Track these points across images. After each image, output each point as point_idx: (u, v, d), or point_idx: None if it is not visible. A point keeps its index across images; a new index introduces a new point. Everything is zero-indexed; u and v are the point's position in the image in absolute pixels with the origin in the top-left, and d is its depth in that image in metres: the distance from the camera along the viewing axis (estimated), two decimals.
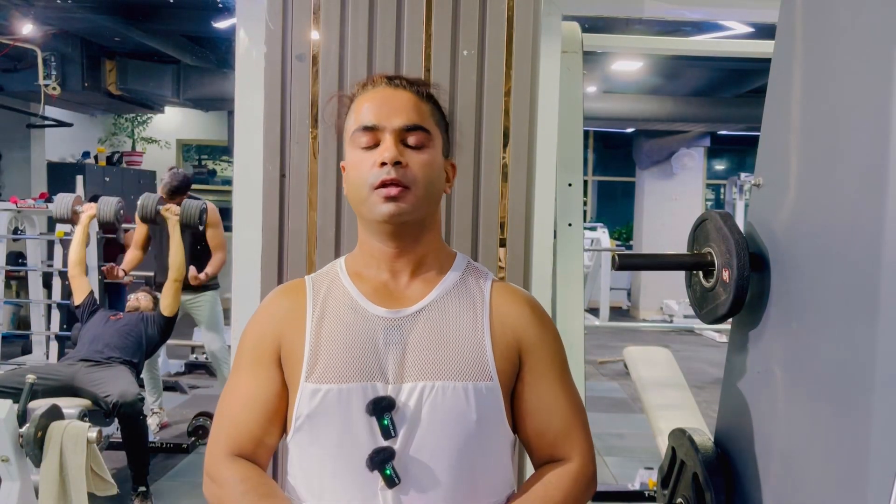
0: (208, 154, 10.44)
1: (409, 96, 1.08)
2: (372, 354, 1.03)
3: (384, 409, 1.00)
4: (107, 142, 9.60)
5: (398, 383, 1.02)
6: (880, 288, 0.91)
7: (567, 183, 2.44)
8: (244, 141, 1.80)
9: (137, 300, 3.91)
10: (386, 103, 1.06)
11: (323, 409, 1.01)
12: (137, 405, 3.19)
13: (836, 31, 1.07)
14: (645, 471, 3.26)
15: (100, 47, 6.89)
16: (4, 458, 2.38)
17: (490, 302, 1.09)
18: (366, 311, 1.06)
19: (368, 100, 1.08)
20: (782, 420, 1.13)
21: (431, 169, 1.06)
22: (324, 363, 1.03)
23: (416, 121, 1.06)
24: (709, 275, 1.28)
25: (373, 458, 0.99)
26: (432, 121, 1.09)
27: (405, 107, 1.06)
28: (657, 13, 2.21)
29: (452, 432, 1.01)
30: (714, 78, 7.72)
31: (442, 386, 1.01)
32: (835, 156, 1.05)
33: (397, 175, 1.03)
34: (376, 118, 1.05)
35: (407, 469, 1.00)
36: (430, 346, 1.04)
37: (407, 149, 1.05)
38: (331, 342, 1.04)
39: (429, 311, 1.06)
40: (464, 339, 1.05)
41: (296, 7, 1.74)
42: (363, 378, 1.01)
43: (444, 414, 1.01)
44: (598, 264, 8.78)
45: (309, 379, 1.02)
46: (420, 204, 1.05)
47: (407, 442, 1.01)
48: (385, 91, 1.08)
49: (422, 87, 1.11)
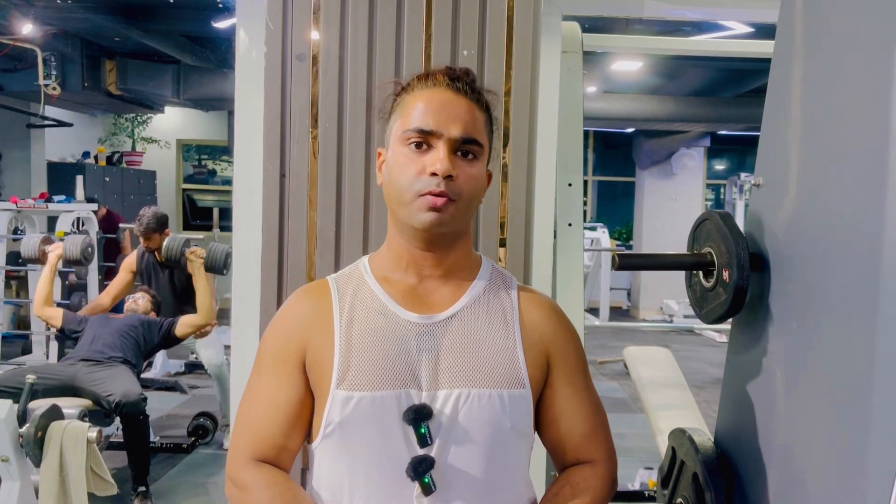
0: (208, 154, 10.44)
1: (469, 104, 1.04)
2: (405, 361, 1.01)
3: (423, 418, 0.99)
4: (107, 142, 9.60)
5: (432, 390, 1.01)
6: (880, 288, 0.91)
7: (567, 183, 2.44)
8: (244, 141, 1.80)
9: (136, 302, 3.91)
10: (445, 108, 1.02)
11: (356, 417, 0.99)
12: (140, 405, 3.19)
13: (836, 31, 1.07)
14: (645, 471, 3.26)
15: (100, 47, 6.89)
16: (4, 458, 2.38)
17: (519, 307, 1.09)
18: (397, 315, 1.04)
19: (427, 100, 1.03)
20: (782, 420, 1.13)
21: (477, 182, 1.04)
22: (356, 370, 1.01)
23: (472, 133, 1.02)
24: (709, 275, 1.28)
25: (415, 467, 0.98)
26: (485, 131, 1.06)
27: (464, 116, 1.02)
28: (657, 13, 2.21)
29: (487, 440, 1.01)
30: (714, 78, 7.73)
31: (477, 393, 1.01)
32: (835, 156, 1.05)
33: (446, 188, 1.00)
34: (435, 123, 1.01)
35: (442, 476, 1.00)
36: (463, 352, 1.03)
37: (458, 159, 1.02)
38: (362, 348, 1.02)
39: (460, 317, 1.05)
40: (497, 347, 1.04)
41: (296, 7, 1.74)
42: (397, 385, 1.00)
43: (480, 421, 1.01)
44: (598, 264, 8.79)
45: (340, 386, 1.00)
46: (461, 216, 1.03)
47: (443, 450, 1.00)
48: (446, 94, 1.04)
49: (481, 94, 1.07)
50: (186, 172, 10.31)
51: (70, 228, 5.63)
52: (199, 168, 10.42)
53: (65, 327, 3.69)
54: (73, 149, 8.86)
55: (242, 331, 1.82)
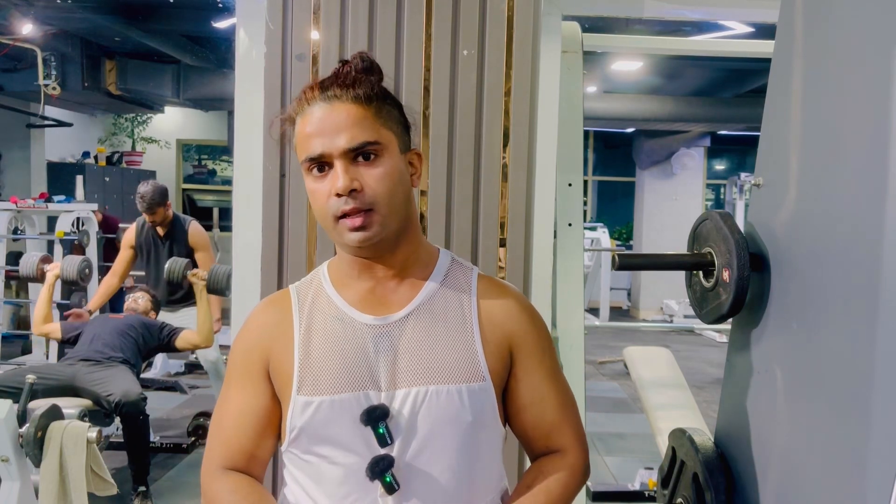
0: (208, 154, 10.44)
1: (348, 108, 0.99)
2: (363, 363, 1.02)
3: (378, 418, 0.99)
4: (107, 142, 9.60)
5: (391, 390, 1.01)
6: (880, 288, 0.91)
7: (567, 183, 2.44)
8: (244, 141, 1.80)
9: (136, 301, 3.91)
10: (325, 125, 0.99)
11: (317, 421, 1.01)
12: (140, 405, 3.19)
13: (836, 31, 1.07)
14: (645, 471, 3.26)
15: (100, 47, 6.89)
16: (4, 458, 2.38)
17: (477, 300, 1.08)
18: (353, 319, 1.05)
19: (307, 123, 1.00)
20: (782, 420, 1.13)
21: (390, 179, 1.00)
22: (314, 375, 1.02)
23: (360, 138, 0.98)
24: (709, 275, 1.28)
25: (372, 467, 0.99)
26: (380, 124, 1.01)
27: (346, 123, 0.98)
28: (657, 13, 2.21)
29: (449, 435, 1.01)
30: (714, 78, 7.73)
31: (436, 390, 1.01)
32: (835, 156, 1.05)
33: (356, 203, 0.98)
34: (320, 145, 0.98)
35: (405, 474, 1.00)
36: (420, 350, 1.03)
37: (360, 166, 0.99)
38: (320, 353, 1.03)
39: (416, 314, 1.05)
40: (454, 341, 1.04)
41: (296, 7, 1.74)
42: (355, 388, 1.01)
43: (440, 418, 1.01)
44: (598, 264, 8.79)
45: (301, 391, 1.02)
46: (387, 221, 1.01)
47: (404, 448, 1.01)
48: (321, 109, 1.00)
49: (360, 86, 1.01)
50: (186, 172, 10.31)
51: (70, 228, 5.63)
52: (199, 168, 10.42)
53: (64, 338, 3.71)
54: (73, 149, 8.86)
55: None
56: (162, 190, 4.17)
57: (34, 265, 4.03)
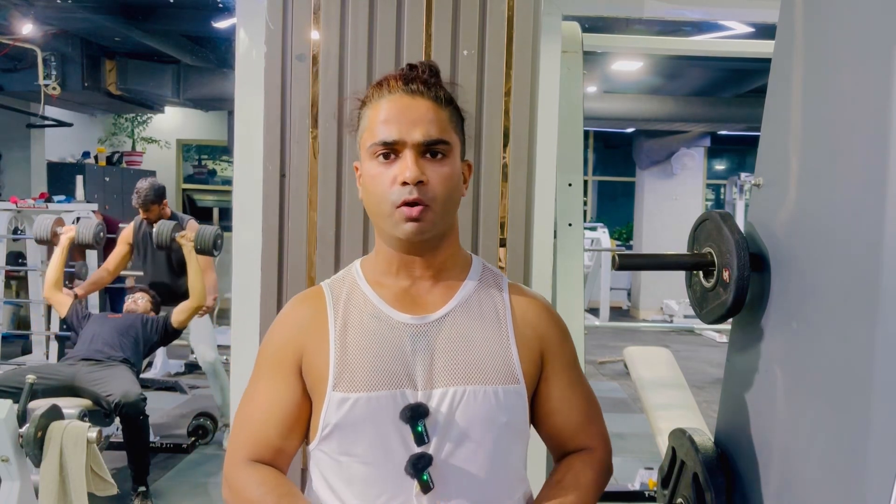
0: (208, 154, 10.43)
1: (428, 105, 1.03)
2: (400, 362, 1.03)
3: (419, 416, 1.00)
4: (107, 142, 9.59)
5: (428, 389, 1.02)
6: (880, 288, 0.91)
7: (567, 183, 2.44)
8: (244, 141, 1.80)
9: (135, 302, 3.91)
10: (404, 114, 1.02)
11: (353, 418, 1.01)
12: (140, 405, 3.19)
13: (836, 31, 1.07)
14: (645, 471, 3.26)
15: (100, 47, 6.89)
16: (4, 458, 2.38)
17: (511, 304, 1.10)
18: (390, 318, 1.06)
19: (386, 109, 1.03)
20: (782, 420, 1.13)
21: (451, 181, 1.03)
22: (351, 372, 1.02)
23: (436, 134, 1.01)
24: (709, 275, 1.28)
25: (414, 464, 1.00)
26: (451, 127, 1.05)
27: (424, 118, 1.02)
28: (657, 13, 2.21)
29: (483, 436, 1.03)
30: (714, 78, 7.72)
31: (473, 390, 1.02)
32: (835, 156, 1.05)
33: (419, 195, 1.00)
34: (396, 132, 1.01)
35: (440, 473, 1.01)
36: (457, 350, 1.04)
37: (427, 162, 1.02)
38: (357, 351, 1.04)
39: (453, 316, 1.07)
40: (490, 344, 1.06)
41: (296, 7, 1.74)
42: (392, 386, 1.01)
43: (475, 418, 1.02)
44: (598, 264, 8.79)
45: (337, 388, 1.02)
46: (440, 219, 1.04)
47: (439, 447, 1.01)
48: (402, 100, 1.03)
49: (440, 89, 1.06)
50: (186, 172, 10.31)
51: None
52: (199, 168, 10.41)
53: (69, 318, 3.69)
54: (73, 149, 8.86)
55: (242, 331, 1.82)
56: (158, 188, 4.18)
57: (48, 228, 3.96)
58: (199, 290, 3.72)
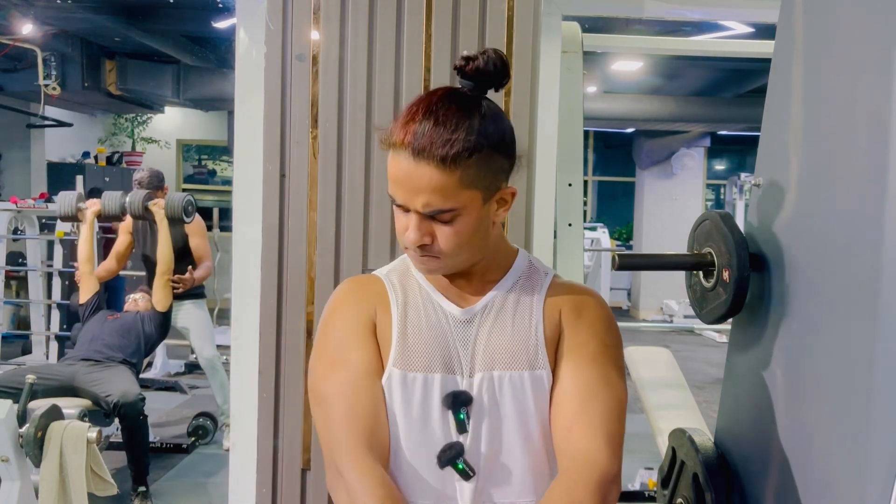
0: (208, 154, 10.43)
1: (432, 172, 0.96)
2: (452, 348, 1.06)
3: (462, 404, 1.02)
4: (107, 142, 9.59)
5: (470, 377, 1.04)
6: (880, 288, 0.91)
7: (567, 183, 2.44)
8: (244, 141, 1.80)
9: (136, 302, 3.91)
10: (409, 180, 0.98)
11: (408, 397, 1.03)
12: (138, 405, 3.19)
13: (836, 31, 1.07)
14: (645, 471, 3.26)
15: (100, 47, 6.88)
16: (4, 458, 2.38)
17: (545, 297, 1.10)
18: (440, 306, 1.08)
19: (395, 167, 0.99)
20: (782, 420, 1.13)
21: (463, 236, 1.01)
22: (410, 350, 1.05)
23: (435, 205, 0.98)
24: (709, 275, 1.28)
25: (440, 457, 1.02)
26: (463, 187, 0.98)
27: (426, 188, 0.97)
28: (657, 13, 2.21)
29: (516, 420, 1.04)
30: (714, 78, 7.72)
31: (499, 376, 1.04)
32: (835, 156, 1.05)
33: (425, 252, 1.02)
34: (402, 197, 1.00)
35: (483, 459, 1.03)
36: (493, 343, 1.06)
37: (434, 223, 1.00)
38: (415, 331, 1.06)
39: (491, 307, 1.08)
40: (518, 330, 1.07)
41: (296, 7, 1.74)
42: (446, 370, 1.04)
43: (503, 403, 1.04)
44: (598, 264, 8.78)
45: (396, 364, 1.04)
46: (455, 264, 1.05)
47: (478, 434, 1.03)
48: (408, 165, 0.97)
49: (450, 147, 0.96)
50: (186, 172, 10.30)
51: (70, 228, 5.63)
52: (199, 168, 10.41)
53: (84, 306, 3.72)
54: (73, 149, 8.85)
55: (242, 330, 1.82)
56: (158, 175, 4.25)
57: (73, 203, 3.93)
58: (165, 258, 3.77)
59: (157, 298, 3.75)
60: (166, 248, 3.79)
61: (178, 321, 4.23)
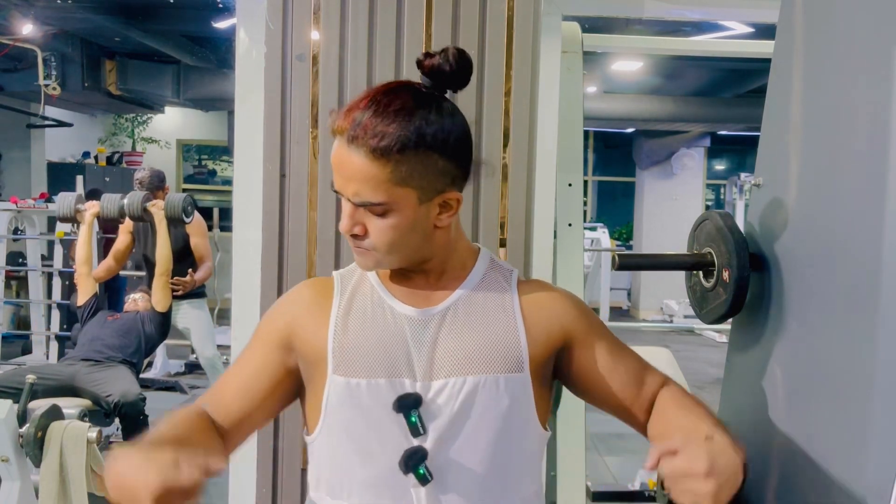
0: (208, 154, 10.43)
1: (362, 162, 0.95)
2: (401, 351, 1.02)
3: (411, 406, 0.99)
4: (107, 142, 9.59)
5: (427, 381, 1.01)
6: (880, 288, 0.91)
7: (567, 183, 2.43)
8: (244, 141, 1.80)
9: (136, 302, 3.92)
10: (341, 168, 0.98)
11: (353, 403, 1.00)
12: (139, 405, 3.19)
13: (836, 31, 1.07)
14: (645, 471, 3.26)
15: (100, 47, 6.89)
16: (4, 458, 2.38)
17: (518, 294, 1.08)
18: (393, 308, 1.05)
19: (333, 152, 0.99)
20: (782, 420, 1.13)
21: (395, 231, 0.98)
22: (350, 357, 1.02)
23: (364, 197, 0.96)
24: (709, 275, 1.28)
25: (406, 461, 0.99)
26: (395, 182, 0.95)
27: (356, 176, 0.96)
28: (657, 13, 2.21)
29: (484, 427, 1.01)
30: (714, 78, 7.73)
31: (474, 381, 1.00)
32: (835, 156, 1.05)
33: (356, 243, 1.01)
34: (337, 183, 1.00)
35: (439, 466, 1.00)
36: (458, 341, 1.03)
37: (368, 213, 0.99)
38: (357, 337, 1.03)
39: (455, 308, 1.05)
40: (494, 332, 1.04)
41: (296, 7, 1.74)
42: (391, 374, 1.00)
43: (475, 408, 1.00)
44: (598, 264, 8.78)
45: (337, 371, 1.01)
46: (392, 261, 1.03)
47: (438, 438, 1.00)
48: (342, 151, 0.97)
49: (382, 139, 0.94)
50: (186, 172, 10.31)
51: (70, 228, 5.63)
52: (199, 168, 10.41)
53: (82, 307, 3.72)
54: (73, 149, 8.86)
55: (242, 330, 1.82)
56: (159, 174, 4.27)
57: (71, 205, 3.92)
58: (164, 258, 3.76)
59: (157, 299, 3.75)
60: (165, 248, 3.80)
61: (179, 321, 4.23)
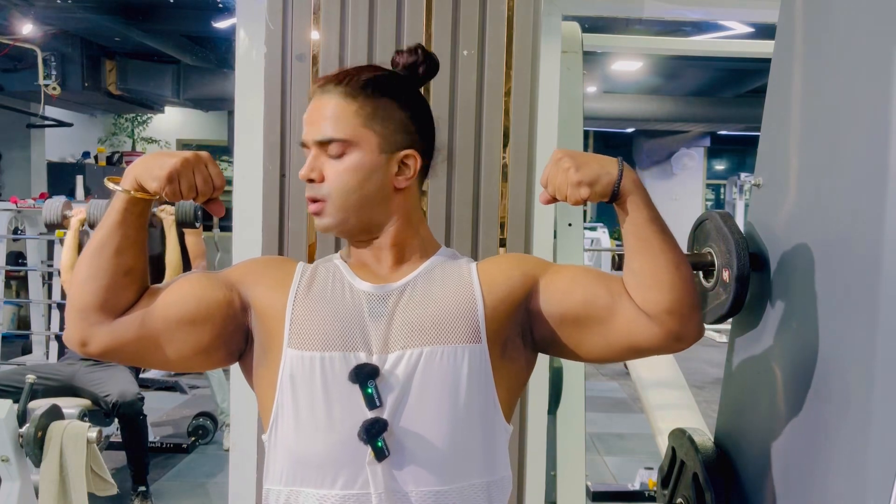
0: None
1: (332, 101, 1.03)
2: (356, 325, 1.02)
3: (367, 377, 0.98)
4: (107, 142, 9.60)
5: (384, 353, 1.00)
6: (880, 287, 0.91)
7: None
8: (244, 141, 1.80)
9: None
10: (311, 115, 1.04)
11: (306, 377, 1.00)
12: (137, 405, 3.20)
13: (836, 31, 1.07)
14: (645, 471, 3.26)
15: (100, 47, 6.89)
16: (4, 458, 2.38)
17: (478, 272, 1.08)
18: (352, 284, 1.06)
19: (308, 110, 1.05)
20: (782, 420, 1.13)
21: (352, 175, 1.02)
22: (305, 330, 1.02)
23: (328, 133, 1.02)
24: (709, 275, 1.28)
25: (367, 429, 0.97)
26: (360, 122, 1.02)
27: (324, 116, 1.02)
28: (657, 13, 2.21)
29: (443, 399, 0.99)
30: (714, 78, 7.73)
31: (430, 351, 1.00)
32: (835, 156, 1.05)
33: (312, 192, 1.04)
34: (304, 133, 1.04)
35: (397, 440, 0.98)
36: (415, 314, 1.03)
37: (328, 159, 1.03)
38: (313, 311, 1.03)
39: (413, 284, 1.06)
40: (451, 303, 1.03)
41: (296, 7, 1.74)
42: (346, 348, 1.00)
43: (432, 379, 0.99)
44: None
45: (291, 345, 1.01)
46: (344, 213, 1.04)
47: (395, 412, 0.99)
48: (315, 101, 1.04)
49: (354, 81, 1.03)
50: None
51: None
52: None
53: None
54: (73, 149, 8.86)
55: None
56: None
57: (58, 211, 3.92)
58: (174, 264, 3.73)
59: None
60: (175, 254, 3.74)
61: None
